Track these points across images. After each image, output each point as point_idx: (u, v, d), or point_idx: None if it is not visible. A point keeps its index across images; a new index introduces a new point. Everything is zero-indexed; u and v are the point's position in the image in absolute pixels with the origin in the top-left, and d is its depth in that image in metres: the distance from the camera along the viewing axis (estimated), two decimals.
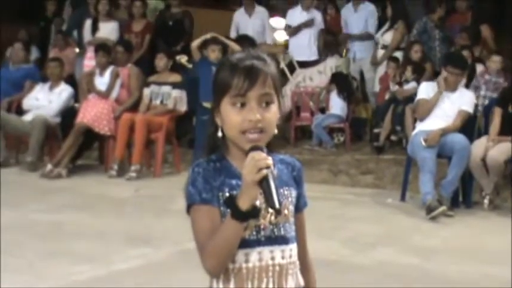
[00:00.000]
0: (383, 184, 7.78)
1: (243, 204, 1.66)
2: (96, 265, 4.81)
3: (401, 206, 6.90)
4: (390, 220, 6.39)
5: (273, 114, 1.77)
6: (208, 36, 8.21)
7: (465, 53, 8.21)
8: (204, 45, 8.18)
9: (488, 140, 6.83)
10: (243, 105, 1.74)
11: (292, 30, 10.16)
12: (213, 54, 8.00)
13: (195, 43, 8.24)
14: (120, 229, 5.80)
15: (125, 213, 6.44)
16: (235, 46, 7.85)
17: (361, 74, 10.10)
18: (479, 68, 8.54)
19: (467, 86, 7.77)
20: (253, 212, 1.68)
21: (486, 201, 6.77)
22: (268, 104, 1.76)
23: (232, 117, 1.74)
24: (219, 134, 1.79)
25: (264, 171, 1.65)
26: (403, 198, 7.11)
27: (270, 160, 1.67)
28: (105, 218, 6.23)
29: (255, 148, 1.69)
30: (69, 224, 5.96)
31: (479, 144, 6.81)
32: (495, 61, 8.19)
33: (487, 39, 9.16)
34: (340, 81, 9.53)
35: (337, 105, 9.39)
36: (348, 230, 5.98)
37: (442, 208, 6.31)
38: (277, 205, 1.66)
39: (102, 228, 5.84)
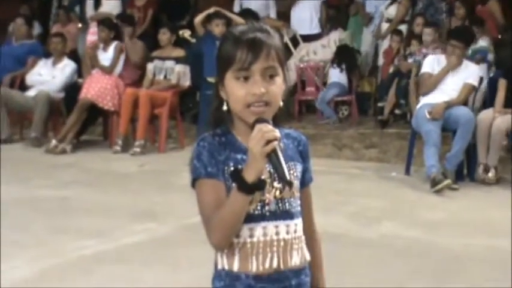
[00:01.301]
0: (387, 158, 7.77)
1: (249, 177, 1.64)
2: (101, 240, 4.83)
3: (406, 180, 6.90)
4: (395, 194, 6.39)
5: (278, 87, 1.74)
6: (211, 10, 8.17)
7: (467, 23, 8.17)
8: (207, 20, 8.14)
9: (494, 112, 6.80)
10: (246, 78, 1.72)
11: None
12: (217, 28, 7.96)
13: (198, 18, 8.20)
14: (125, 204, 5.82)
15: (129, 189, 6.45)
16: (238, 20, 7.81)
17: (376, 47, 10.06)
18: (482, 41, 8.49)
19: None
20: (259, 185, 1.67)
21: (491, 174, 6.74)
22: (272, 76, 1.73)
23: (236, 91, 1.72)
24: (224, 108, 1.78)
25: (274, 144, 1.63)
26: (407, 171, 7.11)
27: (277, 132, 1.65)
28: (110, 193, 6.25)
29: (261, 120, 1.68)
30: (74, 199, 5.98)
31: (486, 116, 6.77)
32: (427, 33, 8.16)
33: (496, 14, 9.08)
34: (343, 53, 9.51)
35: (334, 75, 9.40)
36: (353, 204, 5.98)
37: (447, 181, 6.31)
38: (288, 177, 1.65)
39: (107, 203, 5.86)
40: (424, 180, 6.58)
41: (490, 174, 6.70)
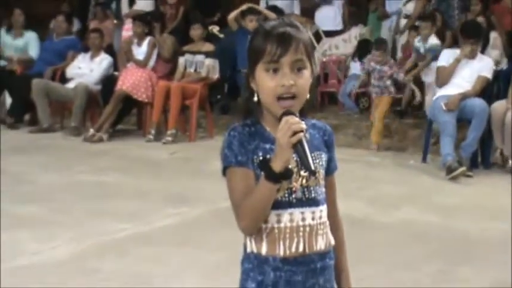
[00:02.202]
0: (405, 147, 7.71)
1: (277, 167, 1.63)
2: (136, 222, 4.85)
3: (423, 168, 6.85)
4: (412, 181, 6.35)
5: (305, 79, 1.73)
6: (244, 7, 8.16)
7: (480, 19, 8.02)
8: (241, 15, 8.12)
9: (507, 102, 6.71)
10: (276, 70, 1.70)
11: None
12: (251, 24, 7.97)
13: (232, 15, 8.18)
14: (158, 189, 5.83)
15: (162, 175, 6.47)
16: (271, 15, 7.80)
17: (393, 42, 9.96)
18: (493, 34, 8.34)
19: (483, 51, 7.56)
20: (286, 174, 1.65)
21: (510, 161, 6.67)
22: (300, 69, 1.72)
23: (266, 83, 1.71)
24: (255, 99, 1.76)
25: (300, 135, 1.62)
26: (424, 160, 7.06)
27: (303, 124, 1.64)
28: (144, 179, 6.27)
29: (288, 112, 1.67)
30: (111, 184, 6.00)
31: (500, 105, 6.69)
32: (374, 54, 7.95)
33: (509, 6, 8.94)
34: (364, 47, 9.42)
35: (355, 68, 9.34)
36: (373, 190, 5.95)
37: (462, 169, 6.25)
38: (312, 167, 1.64)
39: (141, 188, 5.87)
40: (440, 168, 6.52)
41: (511, 162, 6.64)
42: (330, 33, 10.06)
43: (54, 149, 7.65)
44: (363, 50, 9.37)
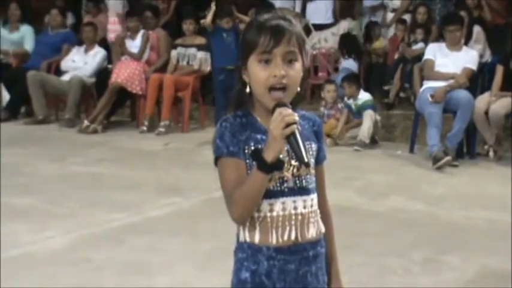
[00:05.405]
0: (393, 137, 7.72)
1: (269, 157, 1.61)
2: (130, 212, 4.82)
3: (410, 158, 6.85)
4: (400, 170, 6.35)
5: (297, 71, 1.71)
6: (213, 7, 7.97)
7: (462, 13, 8.00)
8: (219, 17, 7.99)
9: (490, 95, 6.73)
10: (268, 61, 1.69)
11: None
12: (227, 24, 7.90)
13: (208, 19, 7.99)
14: (151, 180, 5.81)
15: (155, 165, 6.44)
16: (243, 18, 7.90)
17: None
18: (476, 28, 8.30)
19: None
20: (278, 164, 1.64)
21: (491, 152, 6.70)
22: (292, 61, 1.70)
23: (258, 73, 1.69)
24: (247, 90, 1.74)
25: (293, 127, 1.60)
26: (411, 150, 7.07)
27: (296, 116, 1.62)
28: (137, 169, 6.24)
29: (281, 104, 1.65)
30: (105, 175, 5.97)
31: (483, 99, 6.72)
32: (329, 90, 7.76)
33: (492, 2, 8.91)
34: (349, 41, 9.37)
35: (345, 63, 9.28)
36: (362, 179, 5.94)
37: (448, 158, 6.27)
38: (305, 159, 1.62)
39: (135, 179, 5.85)
40: (427, 157, 6.53)
41: (490, 154, 6.66)
42: (320, 27, 10.01)
43: (49, 140, 7.61)
44: (347, 44, 9.32)
